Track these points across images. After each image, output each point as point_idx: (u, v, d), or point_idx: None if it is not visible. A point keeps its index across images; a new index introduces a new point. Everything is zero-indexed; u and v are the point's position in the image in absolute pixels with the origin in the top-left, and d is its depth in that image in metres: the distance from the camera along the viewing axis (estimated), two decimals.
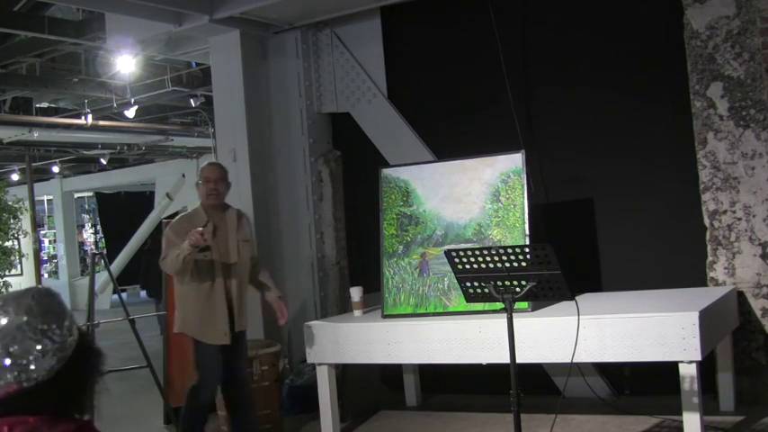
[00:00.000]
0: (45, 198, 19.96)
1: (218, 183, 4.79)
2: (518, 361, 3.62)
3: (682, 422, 4.16)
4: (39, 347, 1.50)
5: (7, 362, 1.49)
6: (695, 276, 5.23)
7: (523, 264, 3.54)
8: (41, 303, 1.56)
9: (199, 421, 4.73)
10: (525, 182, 4.95)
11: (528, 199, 4.93)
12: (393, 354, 4.94)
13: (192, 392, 4.69)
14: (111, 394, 1.72)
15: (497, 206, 5.02)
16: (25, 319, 1.52)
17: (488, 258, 3.60)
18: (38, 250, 14.18)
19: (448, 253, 3.77)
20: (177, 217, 4.94)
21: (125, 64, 8.19)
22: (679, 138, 5.36)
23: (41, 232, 19.15)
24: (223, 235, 4.78)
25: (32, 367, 1.49)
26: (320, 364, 5.08)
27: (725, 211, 5.15)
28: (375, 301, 5.47)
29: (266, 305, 6.41)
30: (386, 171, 5.46)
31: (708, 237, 5.21)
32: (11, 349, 1.49)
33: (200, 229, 4.48)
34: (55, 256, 20.24)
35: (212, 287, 4.66)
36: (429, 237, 5.19)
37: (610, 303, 4.84)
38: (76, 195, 19.97)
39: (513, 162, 5.02)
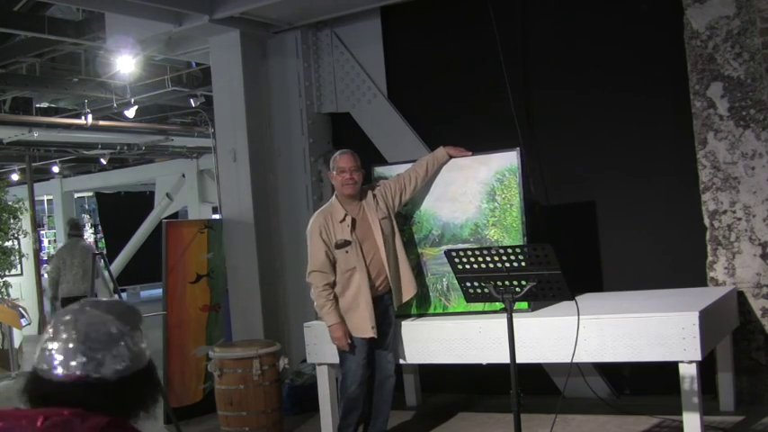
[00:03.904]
0: (45, 198, 19.93)
1: (354, 172, 4.70)
2: (518, 361, 3.63)
3: (682, 422, 4.17)
4: (117, 349, 1.53)
5: (82, 349, 1.50)
6: (695, 276, 5.23)
7: (523, 264, 3.55)
8: (131, 313, 1.61)
9: (354, 409, 4.80)
10: (521, 180, 4.90)
11: (524, 198, 4.90)
12: None
13: (341, 388, 4.79)
14: None
15: (493, 205, 4.96)
16: (114, 319, 1.55)
17: (488, 258, 3.61)
18: (38, 250, 14.13)
19: (448, 253, 3.77)
20: (316, 213, 4.78)
21: (125, 64, 8.18)
22: (679, 138, 5.36)
23: (41, 232, 19.12)
24: (365, 225, 4.69)
25: (104, 365, 1.51)
26: (320, 364, 5.09)
27: (725, 211, 5.15)
28: None
29: (266, 305, 6.44)
30: (379, 169, 5.31)
31: (708, 237, 5.21)
32: (91, 339, 1.51)
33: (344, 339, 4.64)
34: None
35: (357, 283, 4.63)
36: (425, 237, 5.14)
37: (610, 303, 4.84)
38: (76, 195, 19.92)
39: (509, 160, 4.93)
